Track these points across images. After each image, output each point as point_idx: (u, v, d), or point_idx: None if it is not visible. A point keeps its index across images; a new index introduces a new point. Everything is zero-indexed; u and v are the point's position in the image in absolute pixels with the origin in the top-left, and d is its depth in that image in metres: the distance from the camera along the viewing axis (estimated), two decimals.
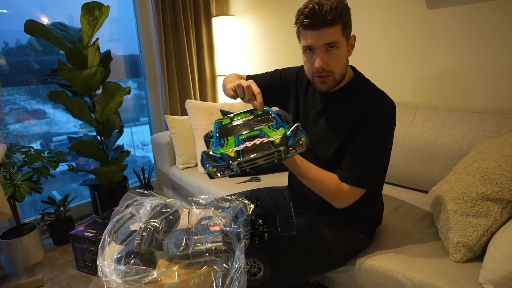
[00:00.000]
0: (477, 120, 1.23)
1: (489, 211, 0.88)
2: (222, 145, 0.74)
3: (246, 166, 0.66)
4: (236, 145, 0.71)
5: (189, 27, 2.15)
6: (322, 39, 0.81)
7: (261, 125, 0.80)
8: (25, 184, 1.48)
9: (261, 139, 0.71)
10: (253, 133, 0.76)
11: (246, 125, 0.80)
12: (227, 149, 0.69)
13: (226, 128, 0.80)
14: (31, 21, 1.45)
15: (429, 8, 1.42)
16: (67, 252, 1.73)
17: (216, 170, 0.66)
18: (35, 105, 1.93)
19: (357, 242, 0.96)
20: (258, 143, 0.69)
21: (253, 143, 0.69)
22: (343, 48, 0.84)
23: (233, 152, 0.67)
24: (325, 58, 0.84)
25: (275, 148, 0.67)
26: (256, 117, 0.83)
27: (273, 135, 0.72)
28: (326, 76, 0.86)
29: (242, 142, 0.72)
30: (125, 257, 0.72)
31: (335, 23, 0.80)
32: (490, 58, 1.30)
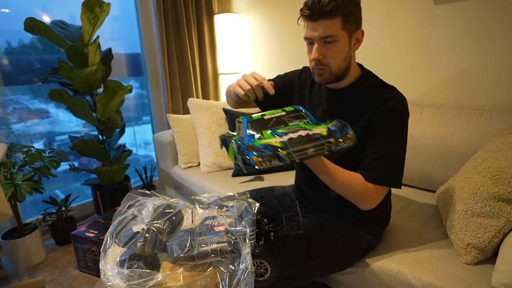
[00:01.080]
0: (486, 118, 1.20)
1: (501, 212, 0.86)
2: (258, 139, 0.71)
3: (295, 156, 0.63)
4: (276, 136, 0.69)
5: (191, 25, 2.13)
6: (319, 31, 0.81)
7: (295, 121, 0.77)
8: (26, 184, 1.47)
9: (305, 131, 0.69)
10: (292, 127, 0.73)
11: (280, 121, 0.77)
12: (268, 140, 0.67)
13: (259, 122, 0.76)
14: (31, 19, 1.43)
15: (436, 4, 1.39)
16: (69, 252, 1.71)
17: (262, 160, 0.62)
18: (37, 104, 1.91)
19: (365, 243, 0.94)
20: (304, 134, 0.68)
21: (298, 134, 0.68)
22: (343, 42, 0.82)
23: (278, 143, 0.65)
24: (321, 50, 0.84)
25: (324, 140, 0.66)
26: (288, 113, 0.79)
27: (315, 129, 0.70)
28: (322, 69, 0.86)
29: (284, 134, 0.69)
30: (128, 260, 0.70)
31: (334, 15, 0.78)
32: (499, 54, 1.27)
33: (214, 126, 1.77)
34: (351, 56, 0.87)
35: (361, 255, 0.95)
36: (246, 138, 0.73)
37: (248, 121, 0.77)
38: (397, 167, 0.88)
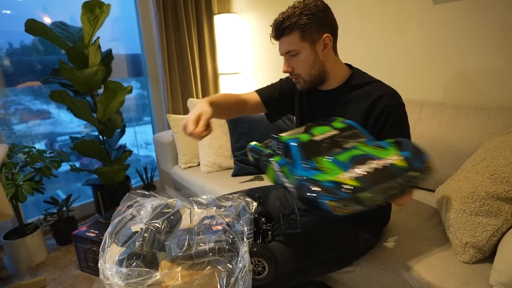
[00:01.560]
0: (485, 117, 1.20)
1: (500, 211, 0.86)
2: (317, 169, 0.61)
3: (379, 198, 0.53)
4: (343, 169, 0.58)
5: (191, 25, 2.14)
6: (282, 47, 0.92)
7: (351, 141, 0.70)
8: (27, 184, 1.48)
9: (380, 162, 0.59)
10: (355, 153, 0.64)
11: (335, 143, 0.68)
12: (336, 176, 0.56)
13: (310, 146, 0.67)
14: (32, 21, 1.44)
15: (435, 3, 1.39)
16: (70, 252, 1.72)
17: (339, 206, 0.51)
18: (39, 105, 1.93)
19: (363, 242, 0.94)
20: (381, 167, 0.58)
21: (373, 168, 0.58)
22: (305, 52, 0.89)
23: (352, 180, 0.54)
24: (289, 63, 0.93)
25: (406, 173, 0.56)
26: (341, 131, 0.71)
27: (383, 155, 0.62)
28: (296, 77, 0.95)
29: (350, 165, 0.59)
30: (127, 259, 0.70)
31: (291, 31, 0.87)
32: (498, 54, 1.27)
33: (214, 126, 1.77)
34: (322, 61, 0.91)
35: (359, 254, 0.95)
36: (300, 168, 0.63)
37: (298, 143, 0.66)
38: None
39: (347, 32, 1.72)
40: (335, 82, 0.96)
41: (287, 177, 0.65)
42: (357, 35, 1.69)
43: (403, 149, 0.65)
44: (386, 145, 0.69)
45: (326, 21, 0.89)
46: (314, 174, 0.60)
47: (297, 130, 0.77)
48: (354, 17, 1.68)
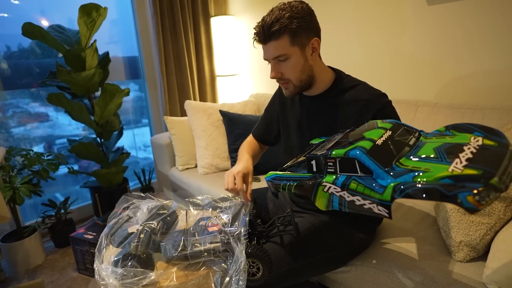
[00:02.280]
0: (479, 117, 1.21)
1: (493, 210, 0.86)
2: (410, 171, 0.54)
3: (507, 181, 0.48)
4: (444, 163, 0.52)
5: (188, 28, 2.15)
6: (270, 52, 0.87)
7: (410, 137, 0.65)
8: (25, 187, 1.48)
9: (467, 147, 0.54)
10: (433, 145, 0.58)
11: (398, 142, 0.62)
12: (443, 171, 0.50)
13: (378, 151, 0.60)
14: (29, 24, 1.45)
15: (430, 4, 1.40)
16: (68, 254, 1.72)
17: (479, 198, 0.45)
18: (37, 108, 1.93)
19: (357, 241, 0.95)
20: (476, 150, 0.53)
21: (472, 152, 0.53)
22: (295, 57, 0.86)
23: (468, 169, 0.49)
24: (277, 68, 0.89)
25: (506, 149, 0.52)
26: (392, 130, 0.66)
27: (462, 140, 0.57)
28: (285, 83, 0.91)
29: (445, 157, 0.53)
30: (122, 260, 0.71)
31: (280, 35, 0.83)
32: (492, 54, 1.28)
33: (211, 128, 1.78)
34: (310, 65, 0.90)
35: (354, 254, 0.96)
36: (388, 176, 0.55)
37: (366, 152, 0.58)
38: None
39: (343, 34, 1.74)
40: (321, 87, 0.95)
41: (366, 192, 0.57)
42: (354, 36, 1.70)
43: (468, 131, 0.60)
44: (448, 132, 0.63)
45: (313, 25, 0.87)
46: (415, 176, 0.52)
47: (326, 144, 0.71)
48: (350, 18, 1.69)
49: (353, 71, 1.02)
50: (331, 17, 1.75)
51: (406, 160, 0.57)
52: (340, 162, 0.61)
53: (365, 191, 0.57)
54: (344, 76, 0.96)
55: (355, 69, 1.72)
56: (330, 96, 0.94)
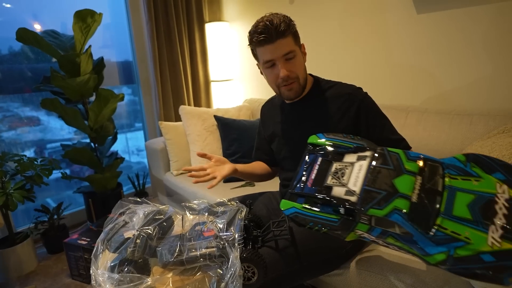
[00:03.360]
0: (467, 123, 1.25)
1: None
2: (451, 239, 0.53)
3: None
4: (481, 230, 0.52)
5: (182, 33, 2.16)
6: (279, 50, 0.90)
7: (437, 179, 0.62)
8: (18, 192, 1.47)
9: (497, 201, 0.54)
10: (465, 199, 0.57)
11: (429, 192, 0.60)
12: (483, 244, 0.50)
13: (419, 213, 0.58)
14: (23, 29, 1.45)
15: (419, 13, 1.45)
16: (61, 260, 1.71)
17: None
18: (28, 112, 1.92)
19: (350, 244, 0.97)
20: (509, 208, 0.52)
21: (505, 213, 0.53)
22: (299, 55, 0.95)
23: (507, 242, 0.49)
24: (288, 67, 0.93)
25: None
26: (421, 173, 0.63)
27: (488, 188, 0.57)
28: (292, 83, 0.95)
29: (480, 220, 0.53)
30: (119, 265, 0.72)
31: (287, 34, 0.90)
32: (479, 61, 1.33)
33: (206, 133, 1.79)
34: (305, 67, 1.00)
35: (347, 257, 0.98)
36: (429, 244, 0.54)
37: (405, 218, 0.57)
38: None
39: (333, 41, 1.77)
40: (305, 90, 1.02)
41: (405, 247, 0.58)
42: (343, 44, 1.74)
43: (490, 169, 0.59)
44: (469, 170, 0.61)
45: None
46: (458, 247, 0.51)
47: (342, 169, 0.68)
48: (341, 26, 1.72)
49: (343, 79, 1.06)
50: (320, 27, 1.79)
51: (443, 220, 0.56)
52: (377, 220, 0.60)
53: (404, 247, 0.58)
54: (320, 80, 1.05)
55: (345, 76, 1.76)
56: (311, 98, 1.01)
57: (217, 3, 2.36)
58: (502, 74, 1.28)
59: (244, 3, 2.21)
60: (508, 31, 1.23)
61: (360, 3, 1.62)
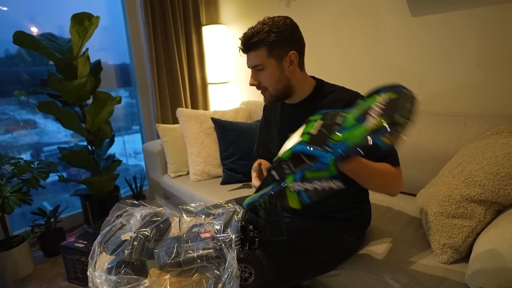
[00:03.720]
0: (461, 124, 1.26)
1: (474, 213, 0.90)
2: (339, 141, 0.65)
3: (408, 116, 0.60)
4: (362, 124, 0.64)
5: (179, 36, 2.17)
6: (249, 61, 0.95)
7: (338, 117, 0.73)
8: (14, 196, 1.47)
9: (376, 106, 0.66)
10: (354, 115, 0.69)
11: (329, 126, 0.71)
12: (364, 128, 0.63)
13: (318, 139, 0.69)
14: (20, 32, 1.45)
15: (413, 16, 1.46)
16: (57, 264, 1.70)
17: (389, 136, 0.58)
18: (25, 115, 1.92)
19: (347, 245, 0.98)
20: (385, 106, 0.64)
21: (381, 108, 0.64)
22: (271, 68, 0.92)
23: (379, 119, 0.61)
24: (255, 77, 0.96)
25: (405, 93, 0.65)
26: (324, 119, 0.75)
27: (371, 103, 0.68)
28: (263, 91, 0.98)
29: (362, 120, 0.65)
30: (116, 267, 0.72)
31: (259, 46, 0.90)
32: (473, 65, 1.35)
33: (203, 135, 1.80)
34: (288, 77, 0.95)
35: (343, 257, 0.99)
36: (326, 153, 0.65)
37: (305, 143, 0.68)
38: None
39: (328, 45, 1.79)
40: (302, 95, 1.00)
41: (319, 175, 0.66)
42: (338, 46, 1.75)
43: (376, 93, 0.70)
44: (363, 101, 0.72)
45: (293, 39, 0.93)
46: (347, 141, 0.64)
47: (285, 146, 0.77)
48: (336, 29, 1.74)
49: (339, 81, 1.06)
50: (313, 30, 1.80)
51: (336, 135, 0.67)
52: (292, 160, 0.69)
53: (318, 175, 0.66)
54: (324, 83, 1.02)
55: (340, 79, 1.77)
56: (310, 102, 0.99)
57: (214, 6, 2.37)
58: (495, 77, 1.30)
59: (240, 7, 2.22)
60: (501, 34, 1.25)
61: (355, 7, 1.64)
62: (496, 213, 0.90)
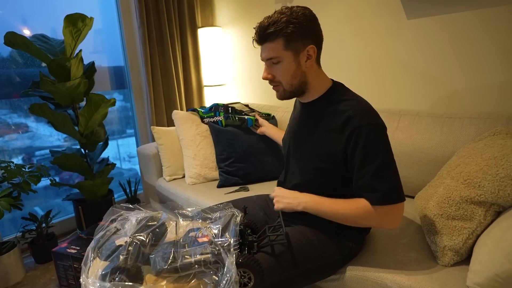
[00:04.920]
0: (459, 126, 1.26)
1: (473, 214, 0.90)
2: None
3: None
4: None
5: (175, 39, 2.16)
6: (264, 53, 0.89)
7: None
8: (4, 200, 1.42)
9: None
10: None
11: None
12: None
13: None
14: (11, 33, 1.42)
15: (409, 18, 1.47)
16: (49, 270, 1.66)
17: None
18: (16, 118, 1.87)
19: (347, 250, 0.96)
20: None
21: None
22: (288, 61, 0.87)
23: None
24: (270, 70, 0.91)
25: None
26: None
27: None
28: (276, 85, 0.93)
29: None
30: (111, 274, 0.70)
31: (275, 38, 0.84)
32: (470, 66, 1.35)
33: (199, 137, 1.78)
34: (304, 72, 0.90)
35: (343, 262, 0.97)
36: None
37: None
38: (394, 180, 0.83)
39: (325, 48, 1.78)
40: (314, 94, 0.95)
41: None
42: (335, 48, 1.75)
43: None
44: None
45: (312, 32, 0.86)
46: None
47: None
48: (333, 33, 1.74)
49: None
50: None
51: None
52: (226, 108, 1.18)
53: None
54: (340, 89, 0.94)
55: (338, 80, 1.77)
56: (319, 105, 0.94)
57: (209, 8, 2.36)
58: (491, 78, 1.31)
59: (237, 9, 2.22)
60: (496, 36, 1.26)
61: (350, 10, 1.65)
62: (496, 215, 0.90)
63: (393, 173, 0.84)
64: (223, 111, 1.79)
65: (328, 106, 0.91)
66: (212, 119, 1.79)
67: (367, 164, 0.82)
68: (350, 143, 0.84)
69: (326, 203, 0.89)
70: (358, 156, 0.83)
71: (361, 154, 0.82)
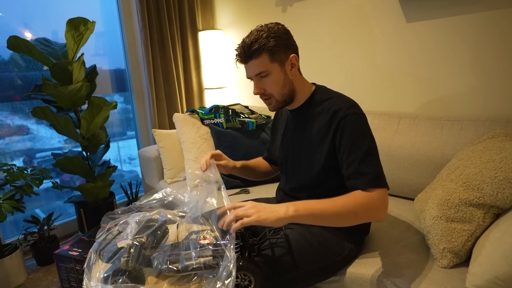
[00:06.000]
0: (458, 128, 1.27)
1: (472, 216, 0.90)
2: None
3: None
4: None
5: (176, 41, 2.17)
6: (251, 70, 0.93)
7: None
8: (7, 203, 1.43)
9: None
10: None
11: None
12: None
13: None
14: (14, 37, 1.43)
15: (408, 22, 1.48)
16: (51, 272, 1.66)
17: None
18: (17, 121, 1.89)
19: (347, 251, 0.97)
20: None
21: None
22: (276, 72, 0.92)
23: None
24: (260, 85, 0.95)
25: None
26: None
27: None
28: (268, 98, 0.97)
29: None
30: (112, 276, 0.70)
31: (260, 53, 0.89)
32: (468, 70, 1.36)
33: (200, 140, 1.79)
34: (291, 80, 0.95)
35: (343, 264, 0.98)
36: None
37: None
38: (380, 166, 0.88)
39: (324, 51, 1.80)
40: (301, 100, 1.00)
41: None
42: (335, 53, 1.76)
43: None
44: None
45: (290, 43, 0.93)
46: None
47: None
48: (332, 35, 1.75)
49: (335, 87, 1.07)
50: (312, 37, 1.82)
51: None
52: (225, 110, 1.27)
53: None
54: (321, 90, 1.00)
55: (337, 84, 1.78)
56: (307, 108, 0.99)
57: (210, 11, 2.38)
58: (491, 81, 1.32)
59: (237, 12, 2.23)
60: (495, 39, 1.27)
61: (350, 13, 1.66)
62: (495, 217, 0.90)
63: (378, 159, 0.89)
64: (223, 113, 1.80)
65: (315, 107, 0.97)
66: (212, 121, 1.80)
67: (355, 151, 0.87)
68: (337, 133, 0.89)
69: (320, 201, 0.87)
70: (345, 145, 0.88)
71: (348, 142, 0.87)
